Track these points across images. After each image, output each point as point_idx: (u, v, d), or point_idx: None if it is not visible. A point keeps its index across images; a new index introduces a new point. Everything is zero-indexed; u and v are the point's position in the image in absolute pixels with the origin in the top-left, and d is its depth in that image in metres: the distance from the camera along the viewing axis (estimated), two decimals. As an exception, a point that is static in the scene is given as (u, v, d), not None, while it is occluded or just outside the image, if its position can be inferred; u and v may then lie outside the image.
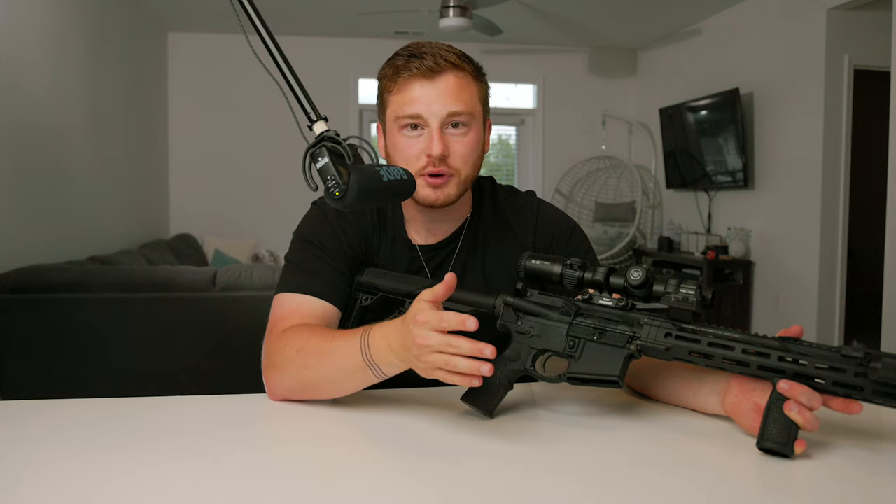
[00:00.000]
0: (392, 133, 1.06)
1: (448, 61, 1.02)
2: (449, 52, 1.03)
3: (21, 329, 2.54)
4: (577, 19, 5.16)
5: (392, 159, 1.07)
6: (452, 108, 1.02)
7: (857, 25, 3.95)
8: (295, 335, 0.97)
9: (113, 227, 4.21)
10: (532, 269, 0.94)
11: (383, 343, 0.86)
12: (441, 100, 1.01)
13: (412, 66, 1.01)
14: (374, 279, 1.07)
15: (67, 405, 0.98)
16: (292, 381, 0.96)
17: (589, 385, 0.89)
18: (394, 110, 1.04)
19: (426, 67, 1.01)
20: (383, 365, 0.87)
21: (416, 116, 1.02)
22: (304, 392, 0.97)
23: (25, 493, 0.69)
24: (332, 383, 0.94)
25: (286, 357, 0.95)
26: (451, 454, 0.81)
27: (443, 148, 1.01)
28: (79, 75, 3.73)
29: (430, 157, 1.02)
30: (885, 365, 0.73)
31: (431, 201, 1.04)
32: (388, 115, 1.05)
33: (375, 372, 0.88)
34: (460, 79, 1.03)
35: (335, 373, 0.92)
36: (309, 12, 4.94)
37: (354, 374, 0.90)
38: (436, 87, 1.01)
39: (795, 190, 4.23)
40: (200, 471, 0.74)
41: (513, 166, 6.25)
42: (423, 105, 1.01)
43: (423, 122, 1.02)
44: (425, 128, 1.02)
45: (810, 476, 0.75)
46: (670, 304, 0.85)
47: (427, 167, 1.02)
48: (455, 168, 1.04)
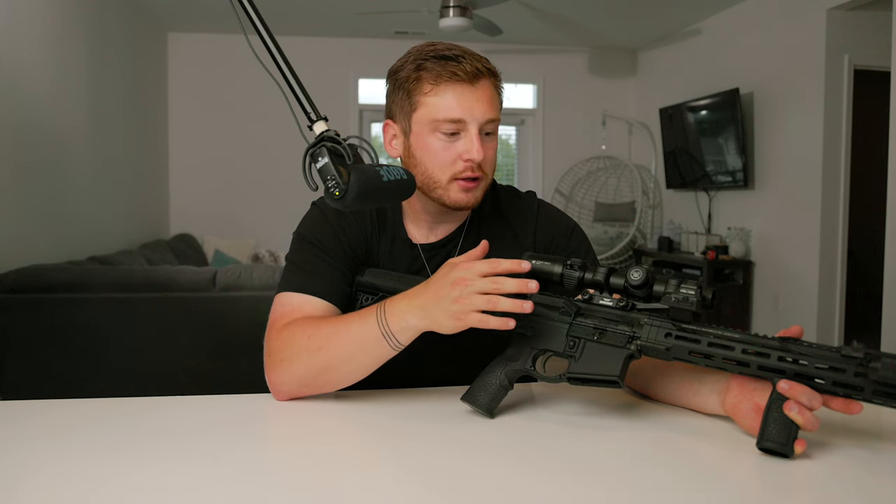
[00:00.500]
0: (422, 135, 1.04)
1: (486, 67, 1.03)
2: (481, 59, 1.04)
3: (21, 329, 2.54)
4: (577, 19, 5.16)
5: (418, 161, 1.05)
6: (490, 116, 1.03)
7: (857, 25, 3.95)
8: (304, 324, 0.98)
9: (113, 227, 4.21)
10: (532, 269, 0.95)
11: (403, 303, 0.90)
12: (481, 106, 1.02)
13: (453, 68, 1.01)
14: (375, 279, 1.07)
15: (67, 405, 0.98)
16: (304, 369, 0.95)
17: (589, 385, 0.89)
18: (430, 112, 1.02)
19: (469, 73, 1.01)
20: (398, 331, 0.90)
21: (458, 121, 1.01)
22: (317, 378, 0.95)
23: (25, 492, 0.69)
24: (346, 362, 0.93)
25: (296, 345, 0.95)
26: (451, 454, 0.81)
27: (484, 154, 1.02)
28: (79, 75, 3.73)
29: (469, 162, 1.02)
30: (885, 365, 0.73)
31: (463, 204, 1.05)
32: (420, 117, 1.03)
33: (390, 341, 0.90)
34: (494, 86, 1.05)
35: (349, 347, 0.92)
36: (309, 12, 4.94)
37: (370, 347, 0.91)
38: (476, 93, 1.02)
39: (795, 190, 4.23)
40: (200, 471, 0.74)
41: (513, 166, 6.25)
42: (465, 111, 1.01)
43: (462, 126, 1.02)
44: (462, 132, 1.02)
45: (810, 476, 0.75)
46: (670, 305, 0.85)
47: (465, 172, 1.03)
48: (485, 172, 1.06)
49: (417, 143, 1.05)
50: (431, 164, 1.04)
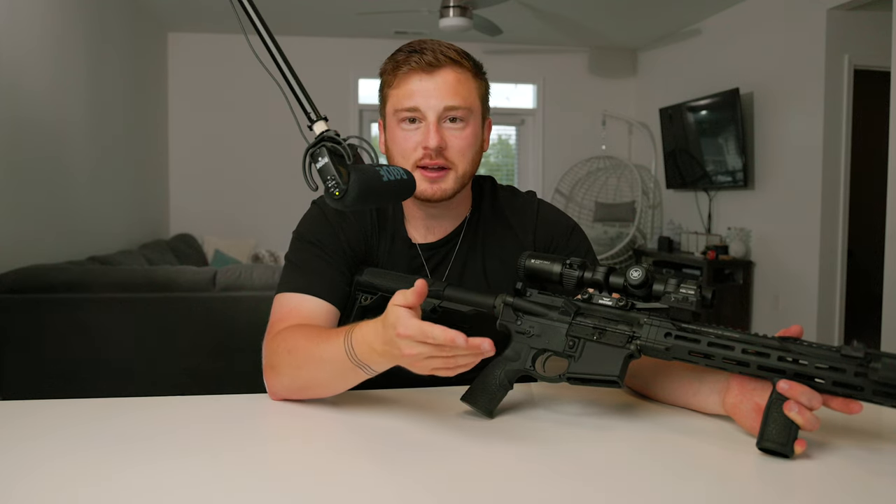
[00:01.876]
0: (391, 127, 1.07)
1: (447, 57, 1.03)
2: (449, 49, 1.05)
3: (21, 329, 2.54)
4: (577, 19, 5.16)
5: (390, 153, 1.08)
6: (449, 103, 1.03)
7: (857, 25, 3.95)
8: (287, 336, 0.97)
9: (113, 227, 4.21)
10: (532, 269, 0.95)
11: (365, 346, 0.84)
12: (438, 94, 1.02)
13: (412, 60, 1.03)
14: (373, 279, 1.07)
15: (67, 405, 0.98)
16: (288, 381, 0.96)
17: (589, 385, 0.89)
18: (392, 104, 1.06)
19: (425, 62, 1.02)
20: (372, 363, 0.86)
21: (413, 109, 1.03)
22: (301, 392, 0.97)
23: (25, 492, 0.69)
24: (325, 383, 0.94)
25: (280, 358, 0.96)
26: (451, 454, 0.80)
27: (439, 140, 1.02)
28: (79, 75, 3.73)
29: (426, 150, 1.03)
30: (886, 365, 0.73)
31: (428, 195, 1.05)
32: (388, 109, 1.07)
33: (366, 370, 0.87)
34: (459, 74, 1.04)
35: (326, 374, 0.92)
36: (309, 12, 4.94)
37: (346, 374, 0.89)
38: (433, 82, 1.03)
39: (795, 190, 4.23)
40: (200, 470, 0.74)
41: (513, 166, 6.25)
42: (421, 98, 1.03)
43: (420, 115, 1.03)
44: (422, 121, 1.04)
45: (810, 476, 0.75)
46: (670, 304, 0.85)
47: (423, 159, 1.03)
48: (452, 162, 1.05)
49: (390, 135, 1.08)
50: (397, 154, 1.06)
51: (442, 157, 1.03)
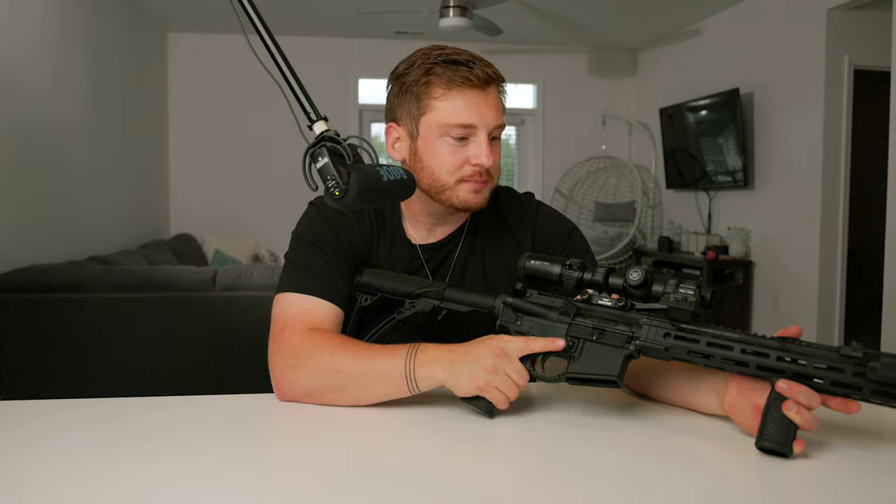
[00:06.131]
0: (430, 138, 1.04)
1: (495, 73, 1.05)
2: (490, 64, 1.06)
3: (21, 329, 2.54)
4: (577, 19, 5.16)
5: (425, 164, 1.06)
6: (499, 121, 1.05)
7: (857, 25, 3.95)
8: (329, 340, 0.98)
9: (113, 227, 4.21)
10: (531, 270, 0.95)
11: (436, 352, 0.91)
12: (490, 112, 1.03)
13: (465, 73, 1.01)
14: (374, 280, 1.07)
15: (67, 405, 0.98)
16: (317, 383, 0.95)
17: (588, 385, 0.89)
18: (441, 117, 1.03)
19: (481, 78, 1.02)
20: (422, 378, 0.90)
21: (468, 126, 1.02)
22: (325, 395, 0.96)
23: (24, 493, 0.69)
24: (360, 390, 0.94)
25: (315, 358, 0.95)
26: (451, 455, 0.81)
27: (493, 160, 1.04)
28: (79, 75, 3.73)
29: (478, 167, 1.03)
30: (884, 364, 0.73)
31: (473, 205, 1.06)
32: (430, 121, 1.04)
33: (410, 385, 0.91)
34: (501, 91, 1.07)
35: (369, 379, 0.93)
36: (309, 12, 4.94)
37: (389, 383, 0.92)
38: (486, 99, 1.03)
39: (795, 190, 4.23)
40: (200, 470, 0.74)
41: (513, 166, 6.25)
42: (477, 115, 1.02)
43: (472, 132, 1.03)
44: (472, 137, 1.03)
45: (809, 476, 0.75)
46: (669, 305, 0.85)
47: (474, 176, 1.04)
48: (492, 176, 1.07)
49: (425, 146, 1.05)
50: (439, 168, 1.04)
51: (487, 174, 1.05)
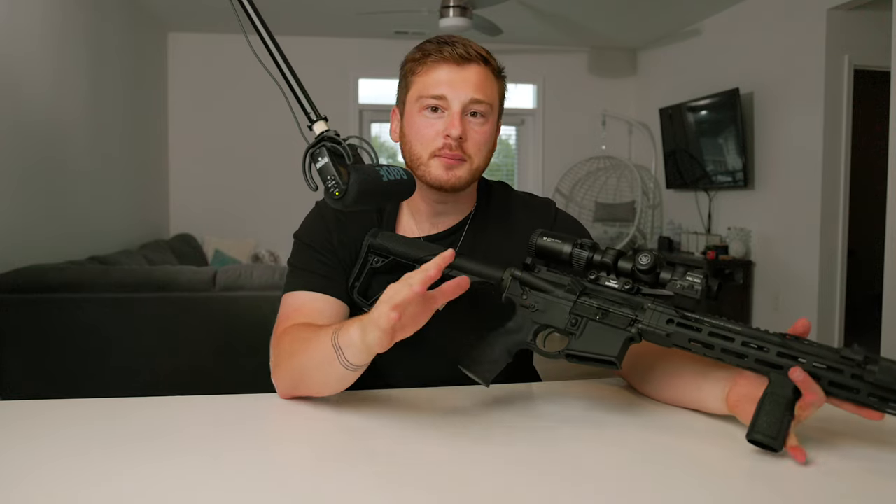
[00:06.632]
0: (411, 114, 1.08)
1: (478, 53, 1.06)
2: (480, 48, 1.08)
3: (21, 329, 2.54)
4: (577, 19, 5.16)
5: (407, 140, 1.08)
6: (475, 96, 1.05)
7: (857, 25, 3.95)
8: (293, 328, 1.00)
9: (113, 227, 4.21)
10: (543, 247, 0.95)
11: (351, 321, 0.87)
12: (465, 86, 1.04)
13: (443, 50, 1.05)
14: (386, 242, 1.07)
15: (67, 405, 0.98)
16: (288, 378, 0.97)
17: (586, 363, 0.89)
18: (418, 90, 1.06)
19: (457, 54, 1.04)
20: (345, 347, 0.85)
21: (439, 97, 1.04)
22: (297, 385, 0.96)
23: (24, 493, 0.69)
24: (313, 371, 0.92)
25: (282, 350, 0.98)
26: (450, 454, 0.81)
27: (462, 130, 1.04)
28: (79, 75, 3.73)
29: (448, 139, 1.04)
30: (883, 368, 0.73)
31: (442, 182, 1.06)
32: (411, 96, 1.08)
33: (340, 357, 0.86)
34: (485, 71, 1.07)
35: (315, 357, 0.91)
36: (309, 12, 4.94)
37: (325, 362, 0.88)
38: (462, 74, 1.05)
39: (795, 190, 4.23)
40: (200, 470, 0.74)
41: (513, 166, 6.25)
42: (448, 88, 1.04)
43: (445, 104, 1.04)
44: (446, 111, 1.05)
45: (809, 476, 0.75)
46: (675, 291, 0.85)
47: (443, 149, 1.04)
48: (469, 154, 1.06)
49: (408, 122, 1.09)
50: (416, 141, 1.07)
51: (460, 149, 1.05)
